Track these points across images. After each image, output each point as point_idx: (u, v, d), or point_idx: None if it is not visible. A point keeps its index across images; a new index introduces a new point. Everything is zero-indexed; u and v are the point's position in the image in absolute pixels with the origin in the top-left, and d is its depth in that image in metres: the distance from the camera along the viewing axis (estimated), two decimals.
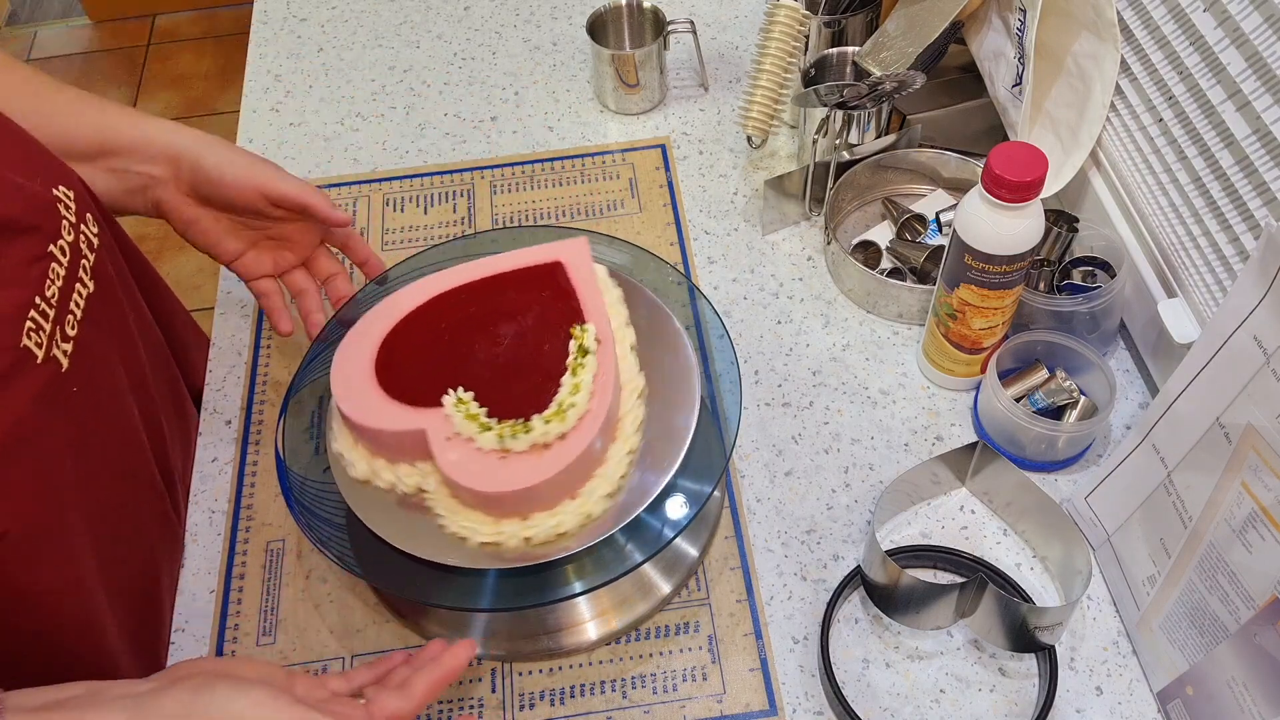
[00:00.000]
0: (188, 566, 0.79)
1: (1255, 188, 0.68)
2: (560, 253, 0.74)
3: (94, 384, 0.67)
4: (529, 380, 0.68)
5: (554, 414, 0.65)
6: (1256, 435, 0.57)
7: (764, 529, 0.78)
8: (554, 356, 0.68)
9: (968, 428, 0.83)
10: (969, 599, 0.68)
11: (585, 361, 0.67)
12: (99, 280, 0.69)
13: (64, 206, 0.66)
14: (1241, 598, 0.59)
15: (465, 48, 1.16)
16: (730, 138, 1.05)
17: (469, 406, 0.66)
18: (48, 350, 0.62)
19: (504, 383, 0.68)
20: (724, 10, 1.17)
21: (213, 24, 2.82)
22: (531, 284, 0.73)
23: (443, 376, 0.67)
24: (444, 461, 0.64)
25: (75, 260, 0.66)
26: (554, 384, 0.67)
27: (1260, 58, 0.66)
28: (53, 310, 0.63)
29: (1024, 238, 0.71)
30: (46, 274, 0.63)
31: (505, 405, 0.66)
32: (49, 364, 0.62)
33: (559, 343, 0.69)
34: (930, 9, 0.91)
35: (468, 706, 0.72)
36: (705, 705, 0.71)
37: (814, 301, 0.91)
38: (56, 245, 0.64)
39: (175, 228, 0.78)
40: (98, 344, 0.68)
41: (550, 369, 0.68)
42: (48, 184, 0.65)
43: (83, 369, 0.65)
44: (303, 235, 0.81)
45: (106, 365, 0.69)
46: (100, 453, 0.68)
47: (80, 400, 0.65)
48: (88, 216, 0.69)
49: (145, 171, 0.75)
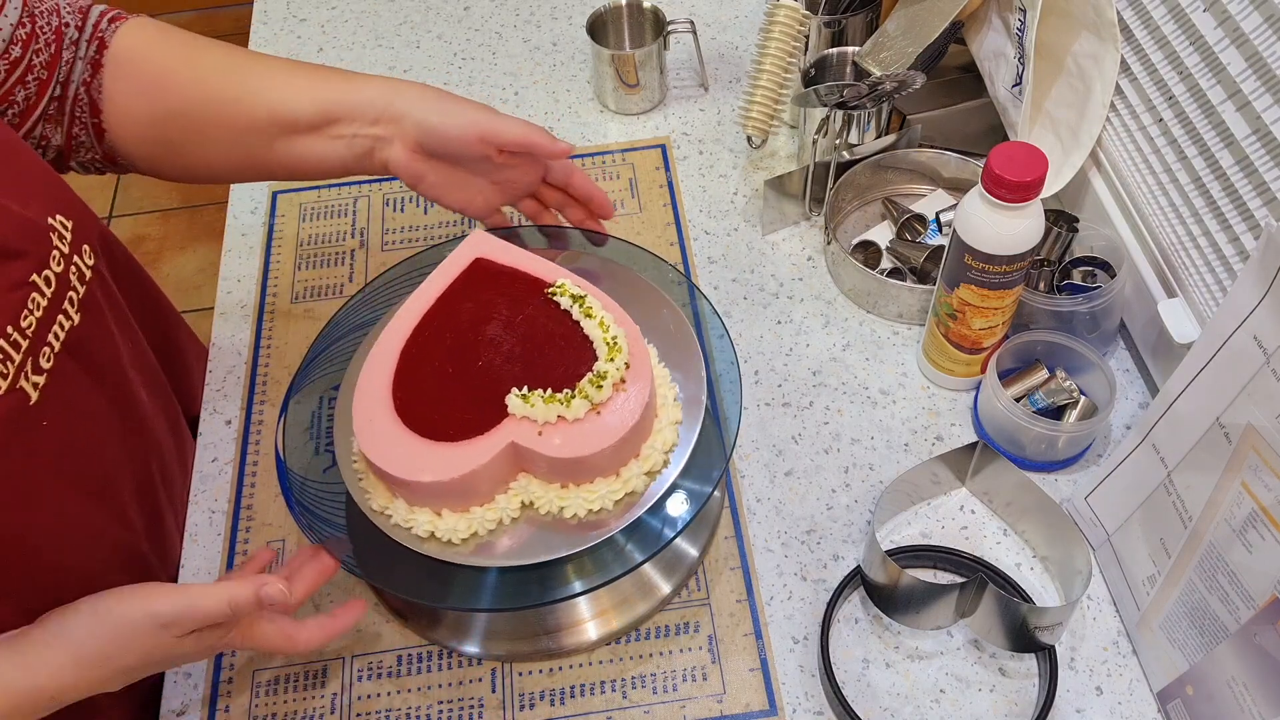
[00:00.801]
0: (187, 566, 0.79)
1: (1255, 188, 0.68)
2: (472, 252, 0.74)
3: (66, 417, 0.65)
4: (557, 351, 0.68)
5: (610, 350, 0.67)
6: (1256, 435, 0.57)
7: (764, 529, 0.78)
8: (555, 320, 0.69)
9: (968, 428, 0.83)
10: (969, 599, 0.68)
11: (588, 303, 0.68)
12: (86, 313, 0.68)
13: (58, 236, 0.64)
14: (1241, 598, 0.59)
15: (465, 48, 1.16)
16: (730, 138, 1.05)
17: (534, 395, 0.66)
18: (13, 382, 0.60)
19: (537, 367, 0.68)
20: (724, 10, 1.17)
21: (213, 24, 2.82)
22: (477, 285, 0.73)
23: (482, 394, 0.67)
24: (550, 448, 0.64)
25: (61, 291, 0.65)
26: (578, 335, 0.68)
27: (1260, 58, 0.66)
28: (25, 341, 0.61)
29: (1024, 238, 0.71)
30: (25, 304, 0.61)
31: (555, 382, 0.66)
32: (13, 395, 0.60)
33: (549, 309, 0.70)
34: (930, 9, 0.91)
35: (468, 706, 0.72)
36: (705, 705, 0.71)
37: (814, 301, 0.91)
38: (41, 275, 0.63)
39: (405, 182, 0.78)
40: (76, 378, 0.66)
41: (563, 332, 0.68)
42: (44, 211, 0.64)
43: (55, 402, 0.63)
44: (525, 175, 0.80)
45: (84, 399, 0.68)
46: (69, 484, 0.66)
47: (50, 432, 0.63)
48: (84, 248, 0.68)
49: (371, 134, 0.74)
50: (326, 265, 0.96)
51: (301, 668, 0.74)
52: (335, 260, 0.97)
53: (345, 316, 0.79)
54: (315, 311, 0.93)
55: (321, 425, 0.74)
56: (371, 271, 0.96)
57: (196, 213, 2.33)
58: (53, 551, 0.65)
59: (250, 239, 0.99)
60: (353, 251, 0.97)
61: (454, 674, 0.73)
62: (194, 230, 2.29)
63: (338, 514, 0.70)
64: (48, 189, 0.66)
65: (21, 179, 0.64)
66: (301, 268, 0.96)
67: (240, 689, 0.73)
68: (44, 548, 0.64)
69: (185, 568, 0.79)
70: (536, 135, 0.75)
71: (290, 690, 0.73)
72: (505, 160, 0.76)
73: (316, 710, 0.72)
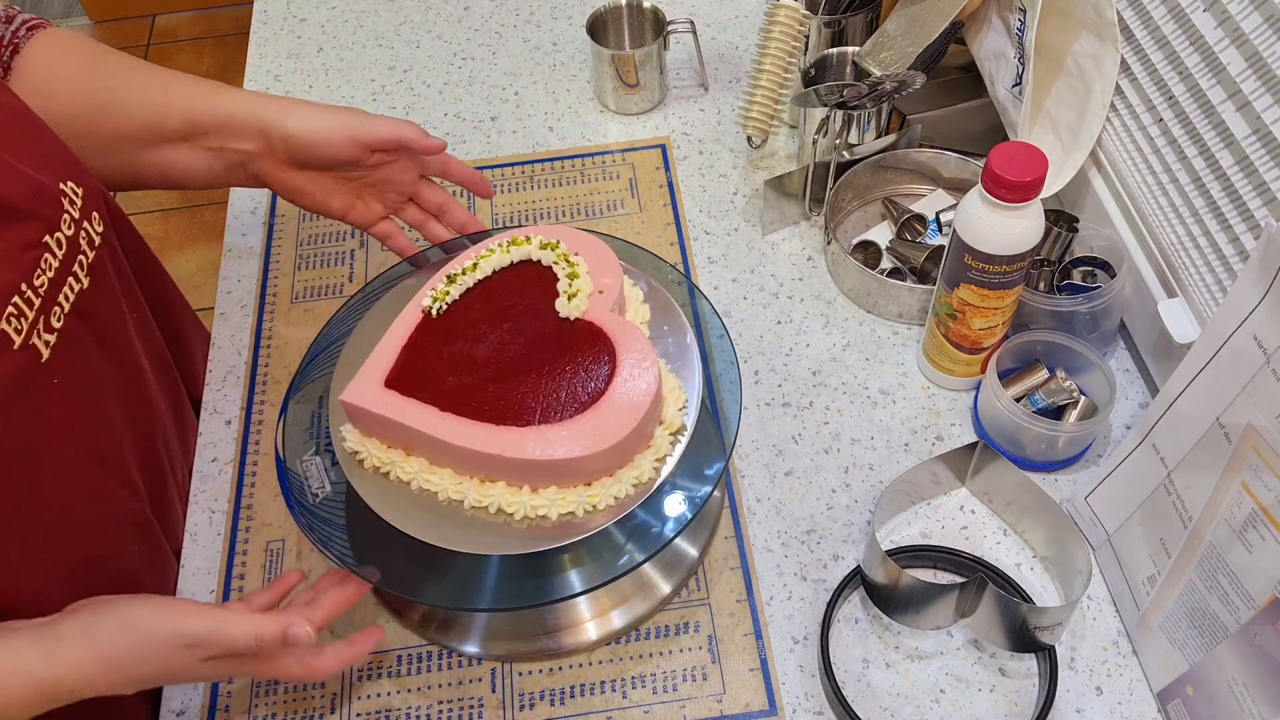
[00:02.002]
0: (187, 566, 0.79)
1: (1255, 188, 0.68)
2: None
3: (76, 378, 0.67)
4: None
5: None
6: (1256, 435, 0.57)
7: (764, 529, 0.78)
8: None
9: (968, 428, 0.83)
10: (969, 599, 0.68)
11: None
12: (95, 277, 0.69)
13: (69, 201, 0.66)
14: (1241, 598, 0.59)
15: (465, 48, 1.16)
16: (730, 138, 1.05)
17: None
18: (27, 338, 0.62)
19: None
20: (724, 10, 1.17)
21: (213, 24, 2.82)
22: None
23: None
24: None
25: (71, 254, 0.66)
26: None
27: (1260, 58, 0.66)
28: (39, 299, 0.63)
29: (1024, 238, 0.71)
30: (38, 263, 0.63)
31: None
32: (26, 351, 0.62)
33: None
34: (930, 9, 0.91)
35: (468, 706, 0.72)
36: (705, 705, 0.71)
37: (814, 301, 0.91)
38: (53, 237, 0.64)
39: (280, 194, 0.79)
40: (85, 340, 0.68)
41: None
42: (56, 177, 0.66)
43: (65, 362, 0.65)
44: (402, 173, 0.81)
45: (92, 362, 0.69)
46: (76, 446, 0.67)
47: (59, 392, 0.65)
48: (94, 215, 0.69)
49: (239, 148, 0.76)
50: (326, 265, 0.96)
51: None
52: (335, 260, 0.97)
53: (345, 316, 0.79)
54: (315, 311, 0.93)
55: (321, 425, 0.74)
56: (371, 271, 0.96)
57: (196, 212, 2.33)
58: (57, 510, 0.66)
59: (250, 239, 0.99)
60: (353, 251, 0.97)
61: (454, 674, 0.73)
62: (194, 230, 2.29)
63: (338, 514, 0.70)
64: (59, 157, 0.68)
65: (34, 145, 0.66)
66: (301, 268, 0.96)
67: (240, 689, 0.73)
68: (50, 505, 0.65)
69: (185, 568, 0.79)
70: (408, 131, 0.76)
71: (290, 690, 0.73)
72: (380, 160, 0.78)
73: (316, 710, 0.72)
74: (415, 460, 0.66)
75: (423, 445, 0.66)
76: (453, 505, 0.66)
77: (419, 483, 0.66)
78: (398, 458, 0.67)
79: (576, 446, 0.63)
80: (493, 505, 0.65)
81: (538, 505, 0.64)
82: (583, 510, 0.64)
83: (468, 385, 0.66)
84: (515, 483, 0.65)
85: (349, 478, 0.67)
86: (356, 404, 0.66)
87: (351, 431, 0.68)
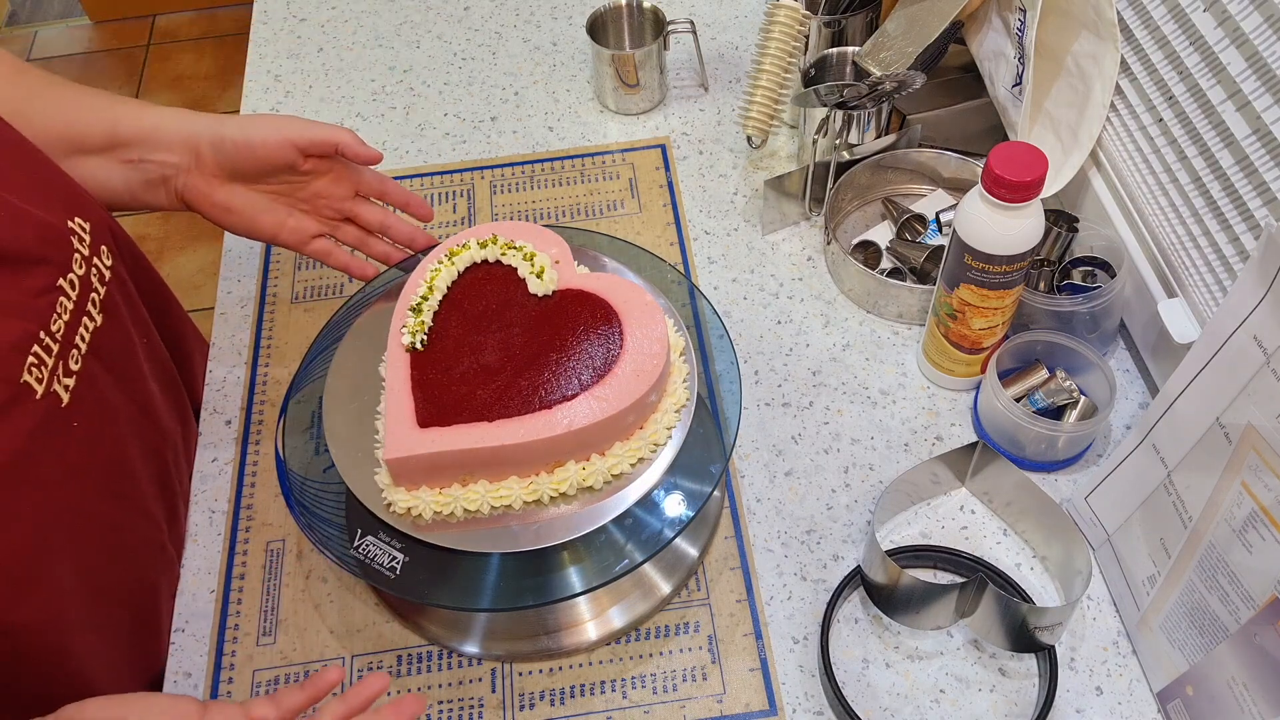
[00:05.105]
0: (188, 566, 0.79)
1: (1255, 188, 0.68)
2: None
3: (94, 417, 0.66)
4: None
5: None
6: (1256, 435, 0.57)
7: (764, 529, 0.78)
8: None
9: (968, 428, 0.83)
10: (969, 599, 0.68)
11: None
12: (107, 314, 0.68)
13: (77, 238, 0.65)
14: (1241, 598, 0.59)
15: (465, 48, 1.16)
16: (730, 138, 1.05)
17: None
18: (48, 385, 0.61)
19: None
20: (724, 10, 1.17)
21: (213, 24, 2.82)
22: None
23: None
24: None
25: (84, 294, 0.65)
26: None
27: (1260, 58, 0.66)
28: (56, 345, 0.62)
29: (1024, 238, 0.71)
30: (54, 308, 0.62)
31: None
32: (48, 399, 0.61)
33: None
34: (930, 9, 0.91)
35: (468, 706, 0.72)
36: (705, 705, 0.71)
37: (814, 301, 0.91)
38: (66, 279, 0.63)
39: (206, 215, 0.76)
40: (101, 378, 0.67)
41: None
42: (63, 214, 0.65)
43: (84, 403, 0.64)
44: (336, 185, 0.79)
45: (108, 398, 0.69)
46: (94, 485, 0.67)
47: (79, 434, 0.64)
48: (102, 249, 0.68)
49: (162, 160, 0.74)
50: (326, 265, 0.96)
51: (301, 668, 0.74)
52: None
53: (345, 316, 0.79)
54: (315, 311, 0.93)
55: (321, 425, 0.74)
56: None
57: None
58: (76, 551, 0.65)
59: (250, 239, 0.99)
60: (352, 252, 0.97)
61: (454, 674, 0.73)
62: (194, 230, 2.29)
63: (338, 514, 0.70)
64: (64, 191, 0.67)
65: (41, 182, 0.65)
66: (301, 268, 0.96)
67: (240, 689, 0.73)
68: (70, 545, 0.64)
69: (185, 568, 0.79)
70: (343, 135, 0.75)
71: None
72: (314, 167, 0.76)
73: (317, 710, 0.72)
74: (476, 486, 0.66)
75: (480, 465, 0.65)
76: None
77: (486, 505, 0.65)
78: (457, 492, 0.66)
79: (633, 389, 0.65)
80: (571, 486, 0.65)
81: (611, 465, 0.66)
82: (649, 450, 0.67)
83: (499, 389, 0.66)
84: (582, 456, 0.66)
85: (418, 536, 0.66)
86: (404, 455, 0.64)
87: (397, 491, 0.66)
